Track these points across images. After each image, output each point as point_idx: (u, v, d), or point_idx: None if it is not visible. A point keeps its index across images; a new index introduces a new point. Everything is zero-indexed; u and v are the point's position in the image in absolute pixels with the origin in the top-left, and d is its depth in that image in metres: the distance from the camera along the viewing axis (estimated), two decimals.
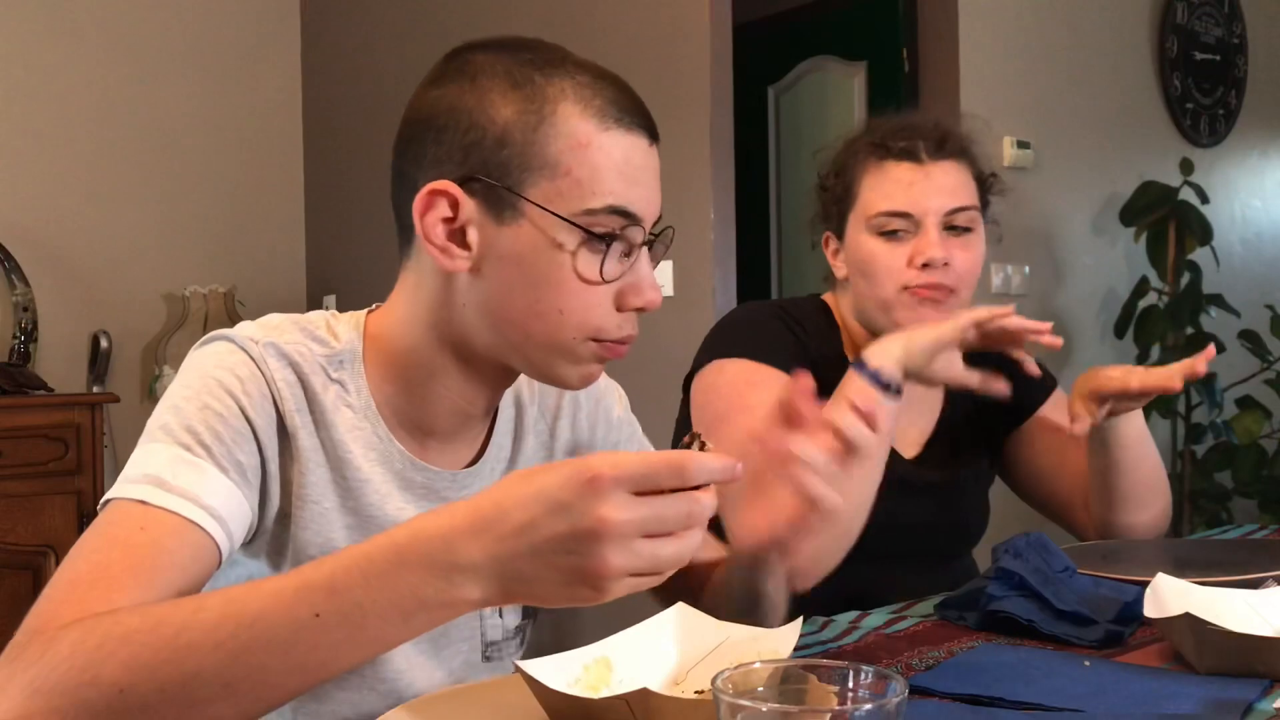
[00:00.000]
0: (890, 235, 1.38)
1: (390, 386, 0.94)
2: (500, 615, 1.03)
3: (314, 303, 3.91)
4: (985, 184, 1.45)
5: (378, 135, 3.67)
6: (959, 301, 1.39)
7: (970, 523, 1.52)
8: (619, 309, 0.89)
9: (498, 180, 0.85)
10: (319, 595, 0.69)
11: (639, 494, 0.66)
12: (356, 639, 0.69)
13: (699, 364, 1.43)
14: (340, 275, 3.84)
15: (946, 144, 1.39)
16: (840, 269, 1.46)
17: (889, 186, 1.38)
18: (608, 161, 0.86)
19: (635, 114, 0.89)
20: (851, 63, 3.57)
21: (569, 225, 0.85)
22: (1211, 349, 1.35)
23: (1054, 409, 1.51)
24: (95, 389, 3.35)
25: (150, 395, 3.55)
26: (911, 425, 1.50)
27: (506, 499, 0.68)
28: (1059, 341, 1.31)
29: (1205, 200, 3.31)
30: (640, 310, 0.91)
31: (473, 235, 0.87)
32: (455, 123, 0.87)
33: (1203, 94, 3.73)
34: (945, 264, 1.36)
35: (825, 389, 1.34)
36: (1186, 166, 3.35)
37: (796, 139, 3.84)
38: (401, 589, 0.68)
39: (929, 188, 1.37)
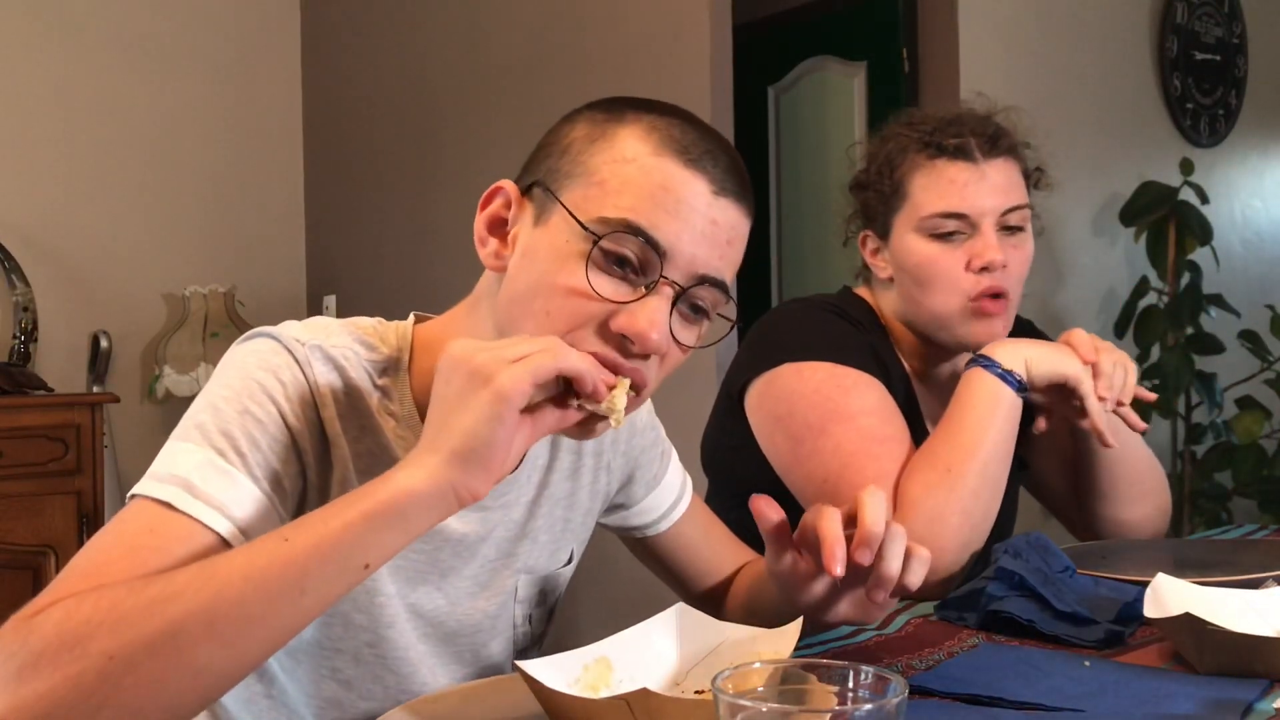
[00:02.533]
0: (945, 238, 1.35)
1: None
2: (529, 623, 1.03)
3: (314, 302, 3.91)
4: (1032, 179, 1.43)
5: (378, 135, 3.68)
6: (1013, 307, 1.37)
7: (1003, 517, 1.49)
8: (604, 334, 0.83)
9: (548, 185, 0.87)
10: (289, 527, 0.74)
11: None
12: (324, 552, 0.72)
13: (755, 370, 1.37)
14: (340, 275, 3.84)
15: (1000, 141, 1.36)
16: (883, 269, 1.42)
17: (943, 186, 1.34)
18: (644, 181, 0.83)
19: (705, 158, 0.85)
20: (851, 63, 3.57)
21: (580, 229, 0.83)
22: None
23: None
24: (95, 389, 3.35)
25: (150, 395, 3.55)
26: None
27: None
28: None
29: (1205, 200, 3.31)
30: (628, 341, 0.83)
31: (512, 236, 0.89)
32: (546, 141, 0.90)
33: (1203, 94, 3.73)
34: (1004, 266, 1.33)
35: (891, 388, 1.34)
36: (1186, 166, 3.35)
37: (796, 139, 3.84)
38: (359, 497, 0.75)
39: (984, 188, 1.33)
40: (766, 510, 0.91)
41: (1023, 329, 1.52)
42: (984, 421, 1.26)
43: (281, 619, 0.72)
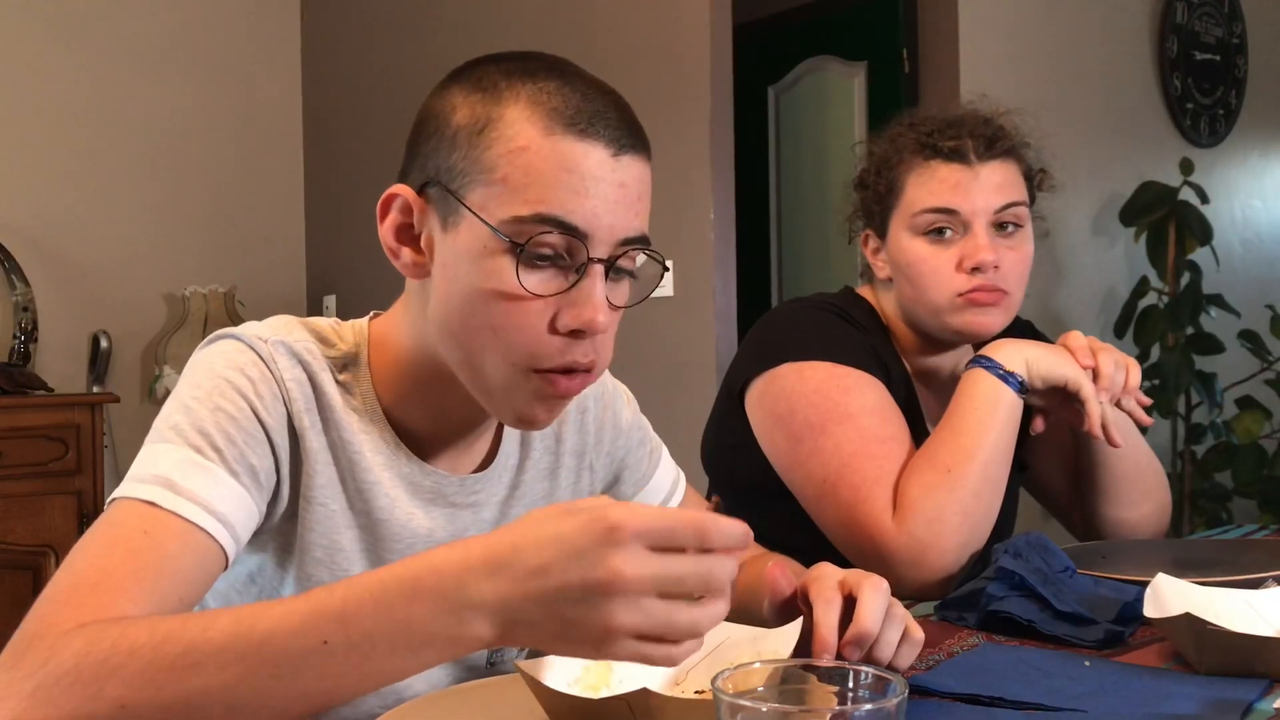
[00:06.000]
0: (937, 236, 1.35)
1: (394, 392, 0.93)
2: None
3: (314, 302, 3.91)
4: (1034, 180, 1.42)
5: (378, 135, 3.68)
6: (1012, 302, 1.37)
7: (1003, 517, 1.44)
8: (554, 331, 0.84)
9: (445, 185, 0.84)
10: (329, 623, 0.67)
11: (657, 549, 0.64)
12: (364, 669, 0.68)
13: (755, 369, 1.37)
14: (340, 275, 3.84)
15: (996, 144, 1.36)
16: (882, 269, 1.43)
17: (934, 185, 1.34)
18: (544, 167, 0.81)
19: (596, 121, 0.82)
20: (851, 63, 3.57)
21: (495, 233, 0.81)
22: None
23: None
24: (95, 389, 3.36)
25: (150, 395, 3.55)
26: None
27: (523, 540, 0.66)
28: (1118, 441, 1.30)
29: (1205, 200, 3.31)
30: (578, 334, 0.84)
31: (424, 241, 0.87)
32: (424, 129, 0.87)
33: (1203, 94, 3.73)
34: (996, 267, 1.33)
35: (891, 388, 1.35)
36: (1186, 166, 3.35)
37: (796, 139, 3.84)
38: (412, 622, 0.67)
39: (976, 187, 1.34)
40: (779, 583, 0.94)
41: (1022, 330, 1.52)
42: (984, 422, 1.26)
43: (306, 711, 0.70)
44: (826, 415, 1.30)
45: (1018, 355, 1.29)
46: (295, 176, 3.96)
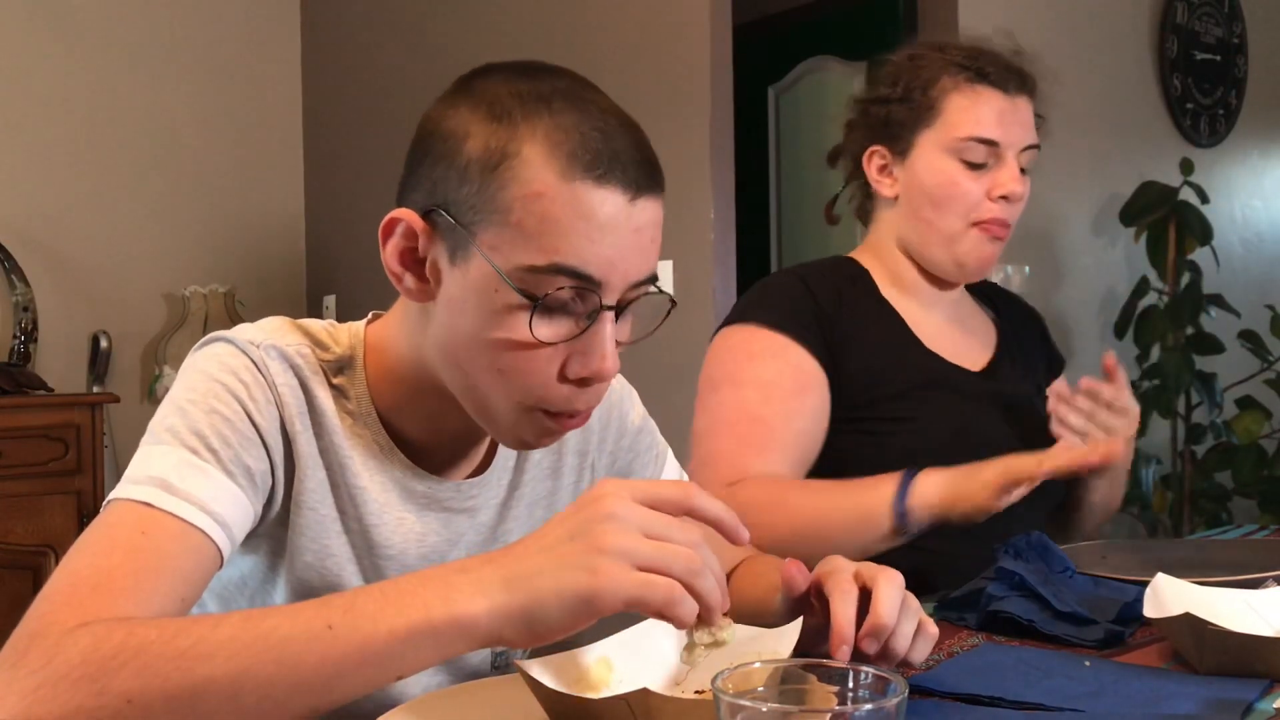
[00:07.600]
0: (972, 164, 1.37)
1: (389, 397, 0.93)
2: None
3: (314, 303, 3.91)
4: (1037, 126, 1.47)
5: (378, 135, 3.68)
6: (1007, 241, 1.41)
7: (1040, 443, 1.34)
8: (563, 378, 0.84)
9: (455, 217, 0.82)
10: (336, 610, 0.71)
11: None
12: (364, 656, 0.69)
13: (717, 333, 1.44)
14: (340, 275, 3.84)
15: (1026, 81, 1.41)
16: (891, 186, 1.44)
17: (983, 111, 1.37)
18: (560, 215, 0.79)
19: (614, 165, 0.80)
20: (851, 63, 3.57)
21: (509, 285, 0.80)
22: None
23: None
24: (95, 389, 3.36)
25: (150, 395, 3.55)
26: (975, 343, 1.49)
27: (525, 537, 0.74)
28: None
29: (1205, 200, 3.30)
30: (586, 382, 0.84)
31: (429, 268, 0.85)
32: (432, 149, 0.85)
33: (1203, 94, 3.73)
34: (1021, 199, 1.38)
35: (854, 341, 1.36)
36: (1186, 166, 3.35)
37: (796, 139, 3.84)
38: (414, 604, 0.70)
39: (1015, 120, 1.38)
40: (796, 578, 0.93)
41: (1035, 320, 1.55)
42: (847, 515, 1.22)
43: (305, 705, 0.71)
44: (724, 377, 1.35)
45: (935, 492, 1.20)
46: (295, 176, 3.96)
